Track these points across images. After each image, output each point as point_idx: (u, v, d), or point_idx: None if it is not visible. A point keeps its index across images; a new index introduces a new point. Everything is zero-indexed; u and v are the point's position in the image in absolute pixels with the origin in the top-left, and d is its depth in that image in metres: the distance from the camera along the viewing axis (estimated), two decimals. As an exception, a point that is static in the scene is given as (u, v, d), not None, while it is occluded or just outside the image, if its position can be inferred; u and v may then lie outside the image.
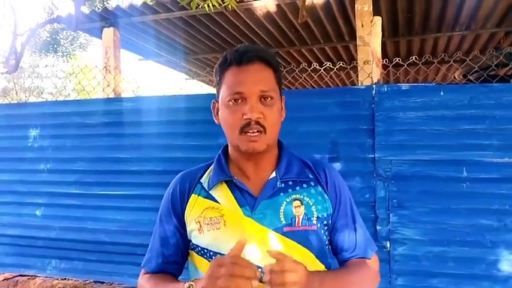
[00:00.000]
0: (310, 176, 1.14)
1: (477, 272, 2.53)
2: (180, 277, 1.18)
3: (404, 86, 2.73)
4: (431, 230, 2.59)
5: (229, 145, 1.17)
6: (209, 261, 1.06)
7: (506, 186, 2.50)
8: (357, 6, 3.62)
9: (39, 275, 3.46)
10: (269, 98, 1.05)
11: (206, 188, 1.14)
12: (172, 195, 1.19)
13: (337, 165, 2.78)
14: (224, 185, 1.12)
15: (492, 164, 2.53)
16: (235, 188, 1.10)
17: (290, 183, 1.11)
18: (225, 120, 1.09)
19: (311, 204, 1.09)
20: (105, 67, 4.39)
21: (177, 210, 1.16)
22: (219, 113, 1.13)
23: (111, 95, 3.99)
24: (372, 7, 3.57)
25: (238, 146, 1.06)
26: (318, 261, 1.08)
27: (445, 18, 4.71)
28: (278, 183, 1.10)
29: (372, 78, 3.09)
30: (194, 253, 1.13)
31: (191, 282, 0.99)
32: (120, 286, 3.22)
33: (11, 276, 3.52)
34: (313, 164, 1.17)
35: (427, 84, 2.72)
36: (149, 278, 1.18)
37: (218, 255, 1.04)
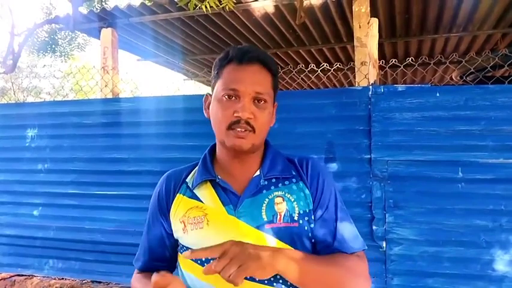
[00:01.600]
0: (293, 173, 1.13)
1: (472, 272, 2.54)
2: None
3: (401, 87, 2.74)
4: (427, 230, 2.60)
5: (216, 143, 1.17)
6: (192, 260, 1.06)
7: (501, 187, 2.52)
8: (355, 8, 3.64)
9: (36, 275, 3.46)
10: (263, 101, 1.06)
11: (191, 188, 1.14)
12: (159, 194, 1.19)
13: (334, 166, 2.80)
14: (208, 184, 1.12)
15: (487, 164, 2.55)
16: (219, 187, 1.10)
17: (273, 180, 1.10)
18: (215, 114, 1.08)
19: (292, 200, 1.08)
20: (103, 67, 4.39)
21: (163, 209, 1.16)
22: (210, 106, 1.13)
23: (109, 96, 4.00)
24: (369, 8, 3.59)
25: (224, 141, 1.06)
26: None
27: (442, 20, 4.73)
28: (261, 180, 1.09)
29: (368, 79, 3.10)
30: (179, 253, 1.14)
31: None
32: (117, 286, 3.22)
33: (8, 276, 3.52)
34: (298, 160, 1.16)
35: (423, 86, 2.73)
36: (139, 277, 1.20)
37: None
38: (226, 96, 1.05)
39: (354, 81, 5.32)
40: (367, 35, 3.29)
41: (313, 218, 1.09)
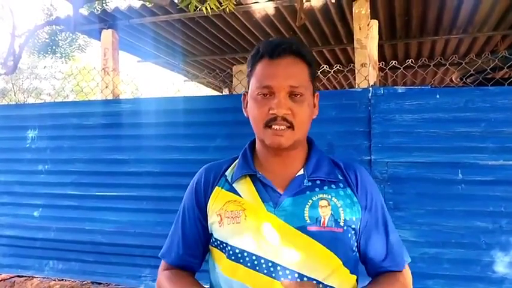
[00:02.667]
0: (340, 177, 1.08)
1: (472, 273, 2.54)
2: (200, 270, 1.17)
3: (401, 88, 2.74)
4: (427, 232, 2.60)
5: (256, 139, 1.13)
6: (225, 254, 1.04)
7: (501, 189, 2.52)
8: (355, 9, 3.65)
9: (36, 276, 3.46)
10: (299, 95, 1.01)
11: (230, 181, 1.10)
12: (197, 186, 1.15)
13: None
14: (248, 179, 1.08)
15: (487, 166, 2.55)
16: (259, 183, 1.06)
17: (318, 182, 1.06)
18: (252, 112, 1.05)
19: (339, 206, 1.03)
20: (103, 69, 4.40)
21: (200, 201, 1.13)
22: (248, 105, 1.09)
23: (110, 97, 4.00)
24: (369, 10, 3.59)
25: (264, 139, 1.03)
26: (344, 267, 1.02)
27: (442, 22, 4.74)
28: (305, 181, 1.05)
29: (368, 80, 3.11)
30: (213, 247, 1.10)
31: None
32: (118, 287, 3.23)
33: (8, 277, 3.52)
34: (344, 165, 1.11)
35: (423, 87, 2.73)
36: (169, 275, 1.13)
37: (237, 250, 1.01)
38: (260, 94, 1.02)
39: (354, 83, 5.32)
40: (367, 36, 3.30)
41: (359, 227, 1.05)
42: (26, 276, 3.48)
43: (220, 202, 1.08)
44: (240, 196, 1.06)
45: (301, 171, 1.07)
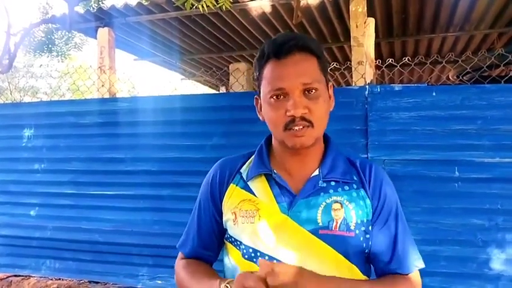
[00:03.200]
0: (355, 178, 1.06)
1: (469, 270, 2.54)
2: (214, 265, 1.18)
3: (397, 86, 2.74)
4: (423, 229, 2.61)
5: (273, 137, 1.10)
6: (240, 252, 1.04)
7: (497, 186, 2.52)
8: (352, 7, 3.65)
9: (33, 275, 3.45)
10: (313, 90, 0.98)
11: (245, 179, 1.09)
12: (212, 182, 1.14)
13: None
14: (263, 177, 1.07)
15: (483, 164, 2.55)
16: (274, 183, 1.05)
17: (332, 183, 1.04)
18: (268, 117, 1.02)
19: (351, 208, 1.01)
20: (100, 67, 4.39)
21: (216, 197, 1.12)
22: (262, 109, 1.06)
23: (106, 95, 3.99)
24: (366, 8, 3.59)
25: (284, 141, 1.01)
26: (356, 269, 1.02)
27: (439, 20, 4.74)
28: (320, 182, 1.03)
29: (365, 78, 3.11)
30: (228, 242, 1.10)
31: (226, 285, 0.93)
32: (115, 286, 3.22)
33: (5, 277, 3.51)
34: (360, 164, 1.09)
35: (419, 85, 2.74)
36: (185, 264, 1.13)
37: (250, 249, 1.02)
38: (274, 98, 0.99)
39: (350, 81, 5.32)
40: (364, 34, 3.30)
41: (370, 228, 1.03)
42: (22, 276, 3.47)
43: (235, 200, 1.08)
44: (254, 195, 1.06)
45: (317, 172, 1.05)
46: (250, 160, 1.14)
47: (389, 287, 1.02)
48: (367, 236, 1.03)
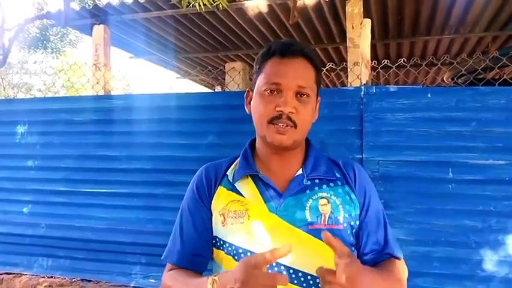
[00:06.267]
0: (338, 175, 1.10)
1: (461, 272, 2.56)
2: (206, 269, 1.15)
3: (393, 87, 2.75)
4: (416, 230, 2.62)
5: (257, 138, 1.14)
6: (229, 255, 1.04)
7: (491, 188, 2.54)
8: (348, 8, 3.65)
9: (25, 273, 3.42)
10: (305, 95, 1.03)
11: (231, 181, 1.11)
12: (198, 186, 1.14)
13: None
14: (249, 179, 1.09)
15: (477, 165, 2.57)
16: (261, 183, 1.07)
17: (317, 181, 1.08)
18: (256, 108, 1.06)
19: (338, 203, 1.05)
20: (94, 64, 4.36)
21: (205, 201, 1.12)
22: (252, 101, 1.10)
23: (101, 93, 3.97)
24: (362, 9, 3.60)
25: (265, 136, 1.04)
26: None
27: (435, 22, 4.77)
28: (304, 180, 1.07)
29: (360, 79, 3.12)
30: (216, 248, 1.10)
31: (214, 277, 0.91)
32: (108, 284, 3.20)
33: (-3, 274, 3.48)
34: (342, 163, 1.14)
35: (414, 87, 2.75)
36: (173, 274, 1.11)
37: (240, 250, 1.02)
38: (268, 91, 1.03)
39: (346, 82, 5.34)
40: (360, 35, 3.31)
41: (357, 223, 1.07)
42: (14, 274, 3.44)
43: (223, 202, 1.09)
44: (242, 196, 1.07)
45: (300, 171, 1.09)
46: (235, 163, 1.16)
47: (391, 269, 1.05)
48: (354, 230, 1.07)
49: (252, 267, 0.84)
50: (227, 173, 1.14)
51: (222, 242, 1.07)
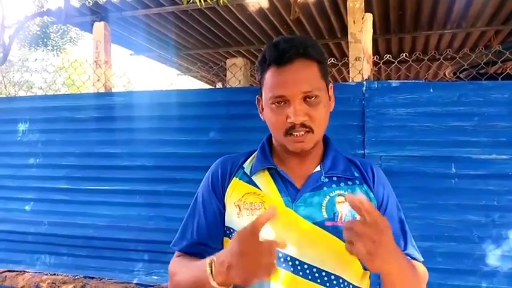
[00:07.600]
0: (356, 174, 1.11)
1: (464, 267, 2.55)
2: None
3: (395, 82, 2.74)
4: (419, 226, 2.61)
5: (273, 137, 1.13)
6: None
7: (493, 182, 2.53)
8: (349, 3, 3.62)
9: (28, 271, 3.43)
10: (314, 97, 1.00)
11: (248, 174, 1.11)
12: (213, 177, 1.14)
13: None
14: (267, 172, 1.09)
15: (480, 160, 2.56)
16: (278, 177, 1.07)
17: (334, 178, 1.08)
18: (269, 120, 1.05)
19: None
20: (95, 61, 4.35)
21: (218, 192, 1.12)
22: (264, 112, 1.09)
23: (102, 90, 3.96)
24: (363, 4, 3.58)
25: (285, 145, 1.04)
26: (359, 261, 1.02)
27: (436, 16, 4.74)
28: (322, 177, 1.07)
29: (362, 74, 3.10)
30: (226, 237, 1.09)
31: (212, 257, 0.91)
32: (110, 281, 3.21)
33: None
34: (360, 162, 1.14)
35: (416, 81, 2.73)
36: (178, 260, 1.12)
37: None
38: (275, 104, 1.01)
39: (347, 77, 5.32)
40: (362, 30, 3.29)
41: None
42: (17, 271, 3.45)
43: (239, 193, 1.08)
44: (259, 189, 1.07)
45: (318, 168, 1.09)
46: (252, 156, 1.16)
47: (415, 267, 1.05)
48: None
49: (249, 235, 0.84)
50: (244, 165, 1.14)
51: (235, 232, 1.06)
